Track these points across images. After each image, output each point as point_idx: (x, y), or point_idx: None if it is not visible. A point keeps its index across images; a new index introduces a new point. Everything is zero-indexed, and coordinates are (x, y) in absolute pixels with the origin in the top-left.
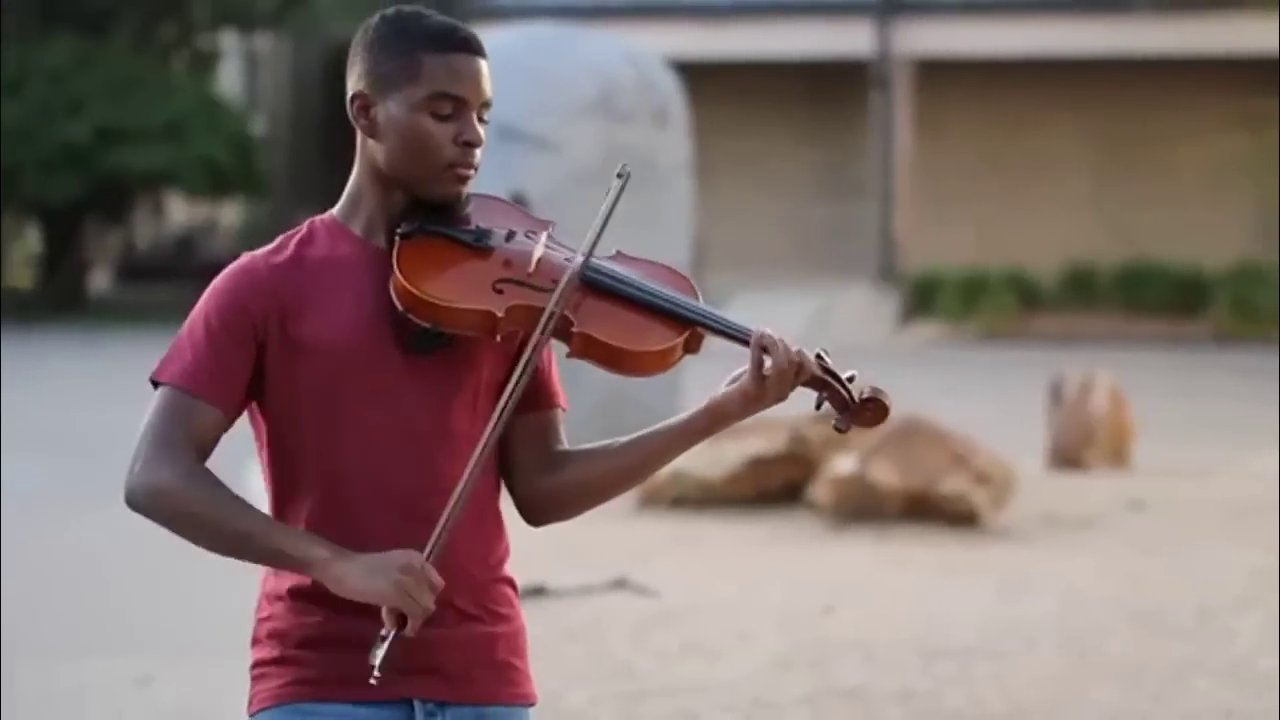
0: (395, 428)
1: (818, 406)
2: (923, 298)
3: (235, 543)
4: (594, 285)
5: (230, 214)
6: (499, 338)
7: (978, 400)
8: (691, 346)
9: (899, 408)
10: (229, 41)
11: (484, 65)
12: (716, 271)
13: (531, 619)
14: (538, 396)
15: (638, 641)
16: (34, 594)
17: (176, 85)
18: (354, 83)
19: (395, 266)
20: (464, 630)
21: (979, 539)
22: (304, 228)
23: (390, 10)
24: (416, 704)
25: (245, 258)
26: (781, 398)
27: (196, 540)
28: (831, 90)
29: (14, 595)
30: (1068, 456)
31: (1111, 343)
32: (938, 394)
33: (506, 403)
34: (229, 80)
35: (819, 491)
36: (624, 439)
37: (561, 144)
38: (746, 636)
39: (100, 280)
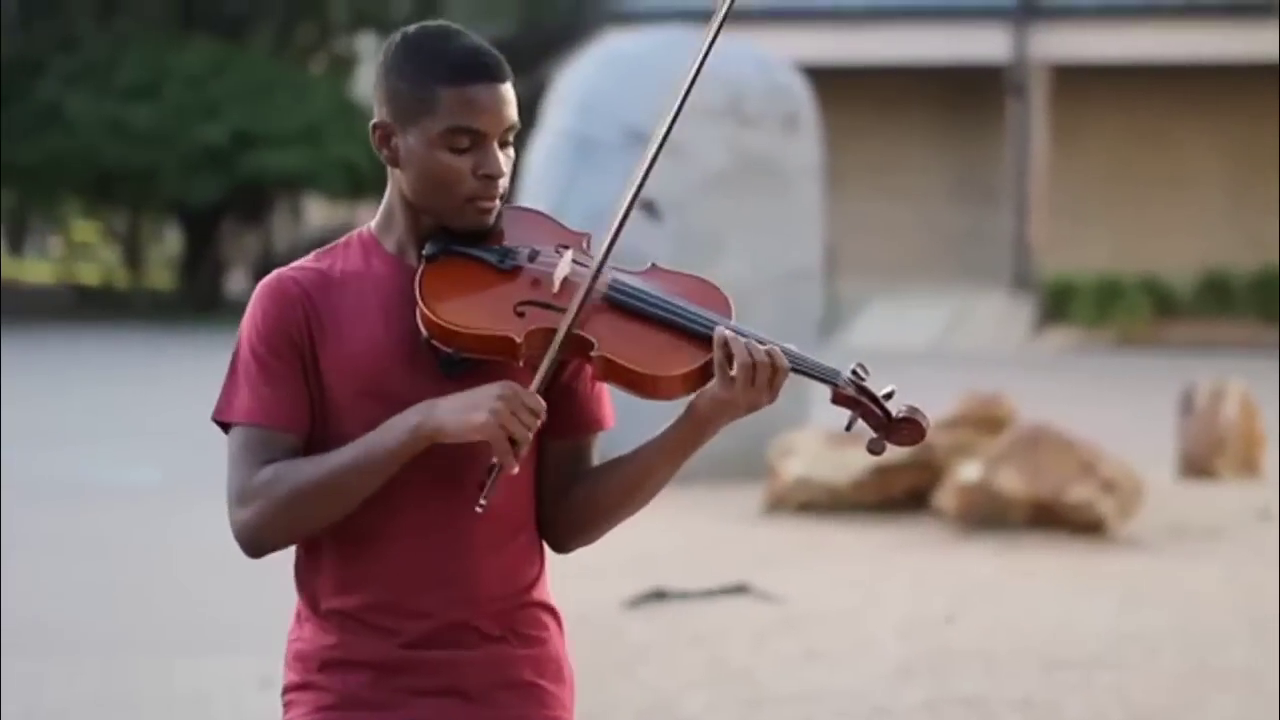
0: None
1: (848, 427)
2: (1057, 304)
3: (344, 486)
4: (618, 305)
5: (368, 216)
6: (521, 362)
7: (1110, 408)
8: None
9: (1031, 414)
10: (367, 44)
11: (505, 91)
12: (850, 278)
13: (651, 623)
14: (575, 421)
15: (758, 647)
16: (158, 593)
17: (314, 88)
18: (376, 109)
19: (418, 292)
20: (485, 651)
21: (1105, 548)
22: (341, 242)
23: (412, 30)
24: None
25: (272, 276)
26: (756, 400)
27: (321, 516)
28: (967, 96)
29: (139, 594)
30: (1198, 465)
31: (1246, 350)
32: (1069, 401)
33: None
34: (367, 83)
35: (944, 498)
36: (623, 455)
37: (690, 149)
38: (867, 644)
39: (238, 281)
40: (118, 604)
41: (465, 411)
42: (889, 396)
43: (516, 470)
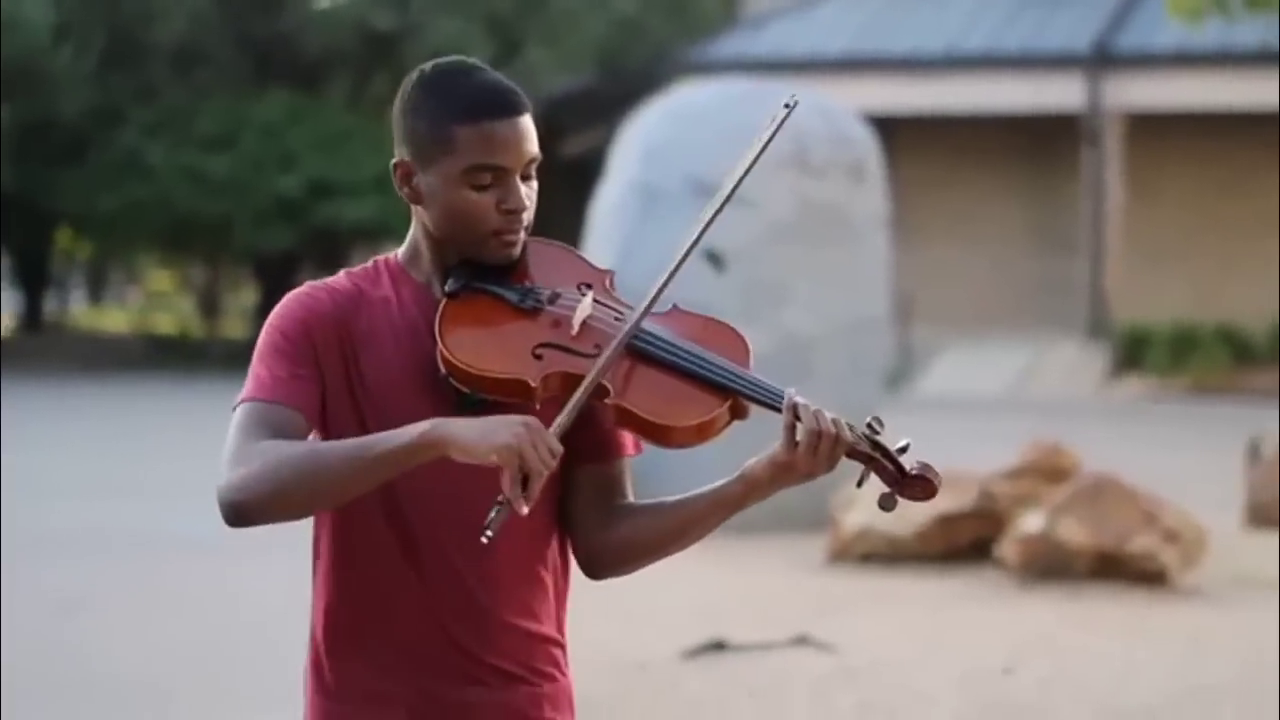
0: (439, 484)
1: (860, 483)
2: (1133, 352)
3: (336, 473)
4: (637, 352)
5: None
6: (538, 405)
7: (1182, 456)
8: (737, 414)
9: (1102, 462)
10: None
11: (525, 124)
12: (925, 326)
13: (710, 674)
14: (602, 448)
15: (816, 700)
16: (237, 646)
17: (389, 138)
18: (396, 148)
19: (437, 330)
20: (507, 691)
21: (1168, 598)
22: (370, 265)
23: (429, 67)
24: None
25: (306, 286)
26: (814, 469)
27: (305, 497)
28: (1042, 144)
29: (216, 647)
30: (1265, 514)
31: None
32: (1141, 450)
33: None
34: None
35: (1007, 549)
36: (671, 500)
37: (755, 199)
38: (925, 696)
39: None
40: (196, 658)
41: (485, 430)
42: (903, 450)
43: (526, 511)
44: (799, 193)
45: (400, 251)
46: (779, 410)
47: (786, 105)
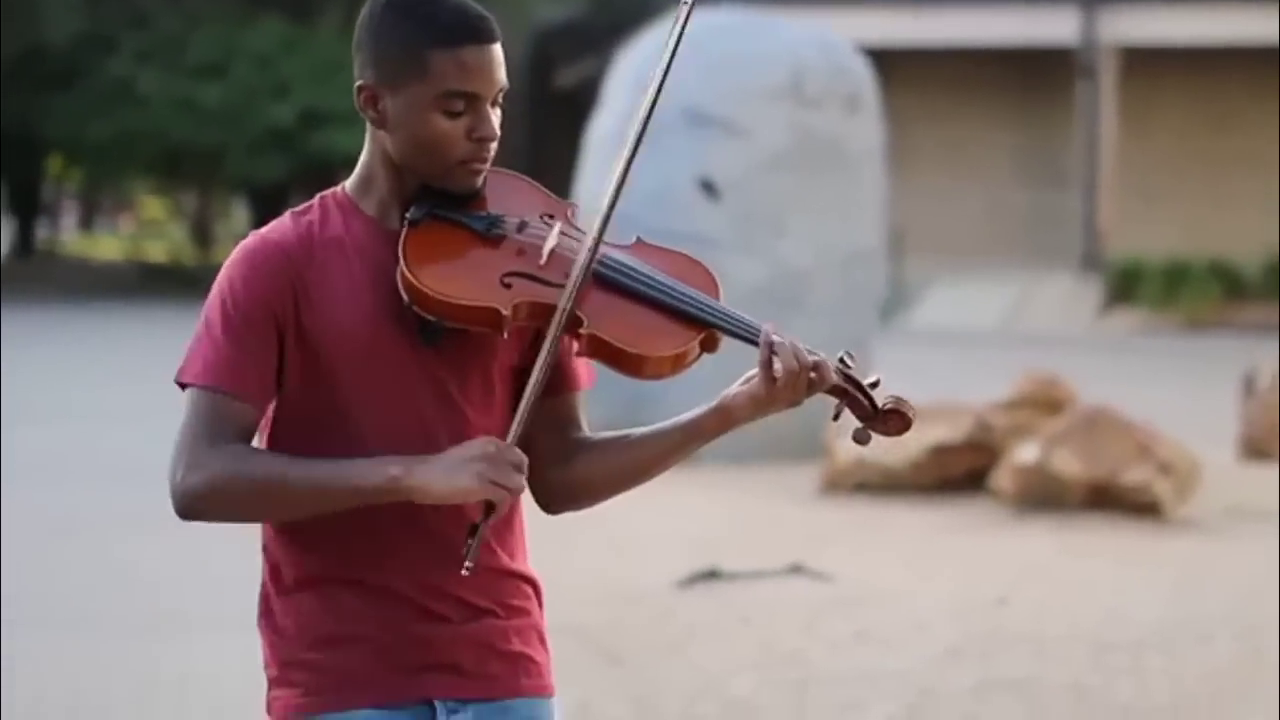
0: (407, 420)
1: (835, 416)
2: (1125, 286)
3: (312, 498)
4: (606, 281)
5: None
6: (505, 334)
7: (1174, 390)
8: (708, 346)
9: (1095, 395)
10: None
11: (496, 52)
12: (916, 258)
13: (704, 603)
14: (555, 381)
15: (809, 628)
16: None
17: None
18: (359, 70)
19: (401, 257)
20: (475, 625)
21: (1161, 530)
22: (315, 204)
23: None
24: (437, 704)
25: (255, 239)
26: (795, 402)
27: (270, 514)
28: (1036, 78)
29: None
30: (1258, 447)
31: None
32: (1134, 383)
33: (528, 405)
34: None
35: (1001, 480)
36: (637, 433)
37: (750, 129)
38: (919, 626)
39: None
40: (193, 578)
41: (449, 476)
42: (874, 385)
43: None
44: (795, 123)
45: (349, 183)
46: (755, 344)
47: (685, 2)
